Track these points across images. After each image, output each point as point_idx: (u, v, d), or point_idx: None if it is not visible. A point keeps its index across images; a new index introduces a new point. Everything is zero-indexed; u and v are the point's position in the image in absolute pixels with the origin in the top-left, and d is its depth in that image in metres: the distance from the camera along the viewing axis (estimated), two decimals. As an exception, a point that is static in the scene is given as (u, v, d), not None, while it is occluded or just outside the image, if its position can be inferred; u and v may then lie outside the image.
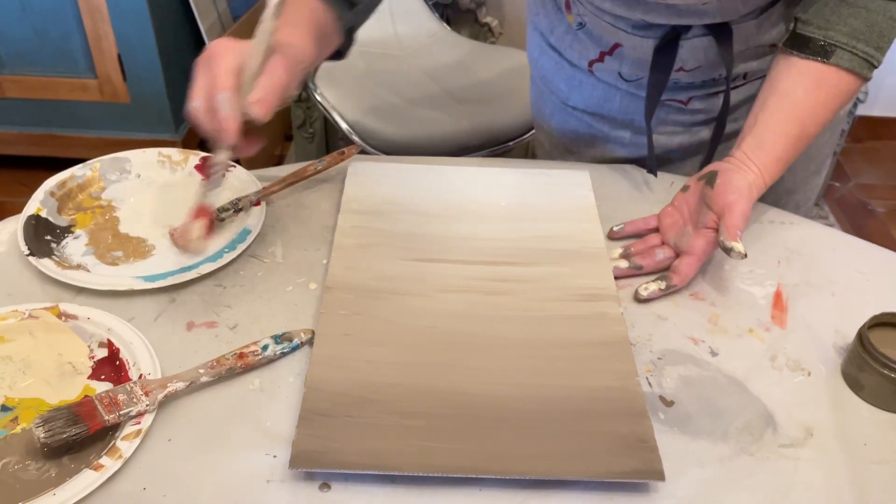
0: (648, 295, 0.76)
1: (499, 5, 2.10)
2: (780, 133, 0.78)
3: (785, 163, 0.79)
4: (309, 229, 0.84)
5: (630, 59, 0.92)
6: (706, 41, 0.86)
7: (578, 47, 0.96)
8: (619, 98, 0.98)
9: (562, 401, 0.64)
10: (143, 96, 2.04)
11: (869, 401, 0.68)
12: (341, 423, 0.61)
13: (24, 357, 0.68)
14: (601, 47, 0.93)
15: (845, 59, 0.76)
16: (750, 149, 0.78)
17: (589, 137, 1.04)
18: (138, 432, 0.60)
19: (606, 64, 0.94)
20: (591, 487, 0.60)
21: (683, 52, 0.87)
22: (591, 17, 0.90)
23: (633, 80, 0.94)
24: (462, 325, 0.71)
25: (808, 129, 0.78)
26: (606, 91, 0.98)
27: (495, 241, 0.81)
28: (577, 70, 0.99)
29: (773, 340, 0.73)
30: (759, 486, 0.61)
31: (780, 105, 0.78)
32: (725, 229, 0.74)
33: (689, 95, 0.94)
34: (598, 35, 0.92)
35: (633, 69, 0.93)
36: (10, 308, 0.70)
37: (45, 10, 1.95)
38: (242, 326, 0.72)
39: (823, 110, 0.78)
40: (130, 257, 0.79)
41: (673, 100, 0.95)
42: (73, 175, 0.87)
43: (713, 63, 0.89)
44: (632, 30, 0.87)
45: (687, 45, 0.86)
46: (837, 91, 0.78)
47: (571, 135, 1.05)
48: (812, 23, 0.77)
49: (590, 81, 0.98)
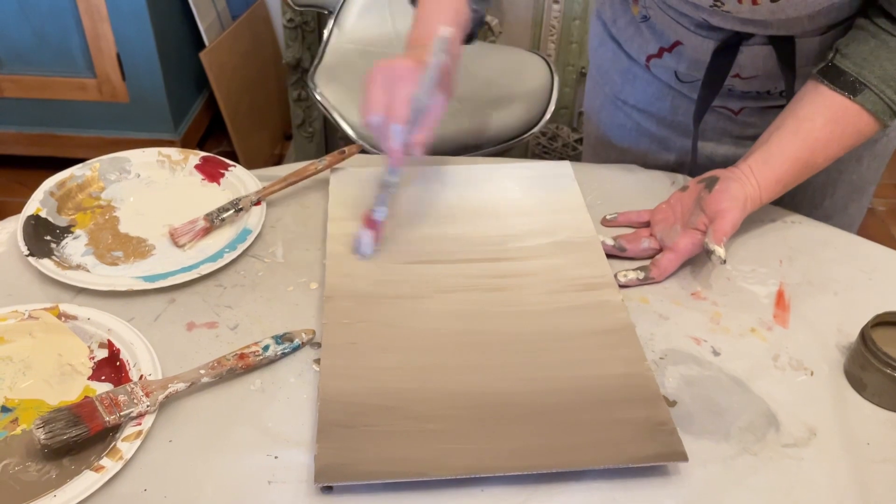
0: (626, 282, 0.77)
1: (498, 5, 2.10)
2: (789, 155, 0.78)
3: (785, 185, 0.80)
4: (309, 229, 0.84)
5: (688, 59, 0.91)
6: (766, 50, 0.85)
7: (639, 40, 0.96)
8: (671, 98, 0.97)
9: (576, 392, 0.65)
10: (142, 96, 2.04)
11: (872, 400, 0.68)
12: (361, 434, 0.61)
13: (24, 358, 0.68)
14: (661, 43, 0.92)
15: (871, 100, 0.76)
16: (756, 164, 0.79)
17: (635, 134, 1.03)
18: (139, 433, 0.60)
19: (664, 60, 0.94)
20: (593, 482, 0.60)
21: (742, 58, 0.86)
22: (657, 10, 0.89)
23: (689, 80, 0.94)
24: (467, 325, 0.71)
25: (817, 158, 0.79)
26: (660, 89, 0.98)
27: (488, 238, 0.81)
28: (634, 64, 0.98)
29: (775, 340, 0.73)
30: (762, 485, 0.60)
31: (797, 129, 0.78)
32: (713, 233, 0.75)
33: (741, 105, 0.94)
34: (661, 30, 0.91)
35: (690, 69, 0.92)
36: (10, 308, 0.70)
37: (43, 10, 1.94)
38: (243, 327, 0.72)
39: (836, 144, 0.78)
40: (130, 257, 0.79)
41: (724, 107, 0.94)
42: (73, 175, 0.87)
43: (771, 74, 0.88)
44: (694, 28, 0.87)
45: (747, 51, 0.85)
46: (855, 130, 0.78)
47: (618, 129, 1.05)
48: (850, 57, 0.77)
49: (645, 77, 0.98)
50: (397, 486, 0.59)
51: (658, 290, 0.78)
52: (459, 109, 1.70)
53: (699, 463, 0.61)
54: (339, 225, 0.82)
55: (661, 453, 0.60)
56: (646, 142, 1.03)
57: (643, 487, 0.60)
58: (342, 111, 1.65)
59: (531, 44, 2.12)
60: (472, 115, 1.68)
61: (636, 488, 0.60)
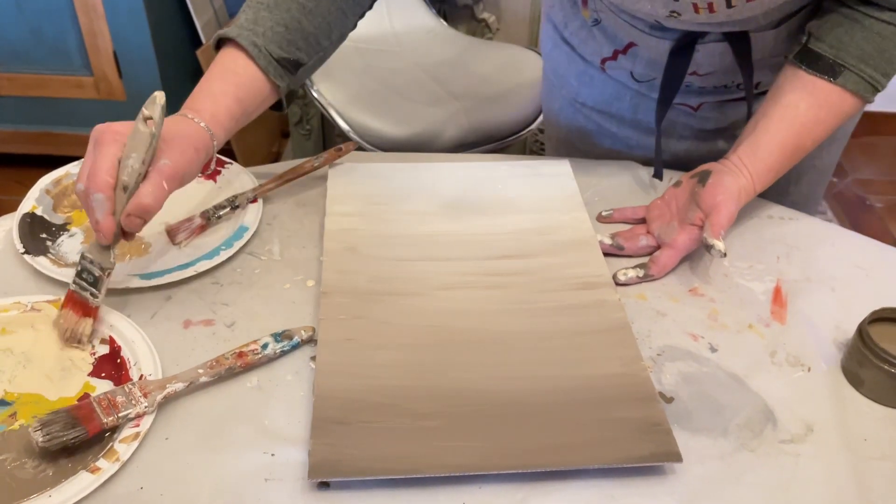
0: (626, 280, 0.77)
1: (496, 1, 2.10)
2: (777, 144, 0.78)
3: (777, 173, 0.80)
4: (306, 226, 0.84)
5: (644, 60, 0.91)
6: (722, 47, 0.85)
7: (592, 44, 0.95)
8: (629, 97, 0.97)
9: (571, 391, 0.65)
10: (139, 94, 2.03)
11: (869, 396, 0.68)
12: (356, 430, 0.61)
13: (25, 350, 0.68)
14: (615, 45, 0.92)
15: (852, 80, 0.76)
16: (746, 154, 0.79)
17: (597, 135, 1.03)
18: (136, 435, 0.60)
19: (619, 62, 0.93)
20: (590, 480, 0.59)
21: (699, 57, 0.86)
22: (608, 14, 0.89)
23: (645, 80, 0.94)
24: (463, 322, 0.71)
25: (805, 143, 0.79)
26: (617, 89, 0.97)
27: (486, 236, 0.81)
28: (590, 66, 0.98)
29: (772, 336, 0.73)
30: (759, 482, 0.60)
31: (782, 116, 0.78)
32: (710, 227, 0.75)
33: (700, 101, 0.94)
34: (614, 33, 0.91)
35: (647, 69, 0.92)
36: (13, 300, 0.70)
37: (40, 8, 1.94)
38: (240, 324, 0.72)
39: (822, 127, 0.79)
40: (127, 255, 0.79)
41: (683, 104, 0.94)
42: (69, 172, 0.87)
43: (728, 69, 0.88)
44: (648, 30, 0.86)
45: (703, 49, 0.85)
46: (839, 111, 0.79)
47: (579, 131, 1.05)
48: (825, 40, 0.77)
49: (601, 78, 0.98)
50: (394, 483, 0.59)
51: (655, 286, 0.78)
52: (456, 106, 1.70)
53: (697, 459, 0.61)
54: (336, 222, 0.82)
55: (656, 453, 0.60)
56: (608, 142, 1.03)
57: (640, 485, 0.60)
58: (339, 108, 1.65)
59: (528, 41, 2.12)
60: (470, 112, 1.68)
61: (634, 486, 0.59)
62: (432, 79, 1.82)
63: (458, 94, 1.75)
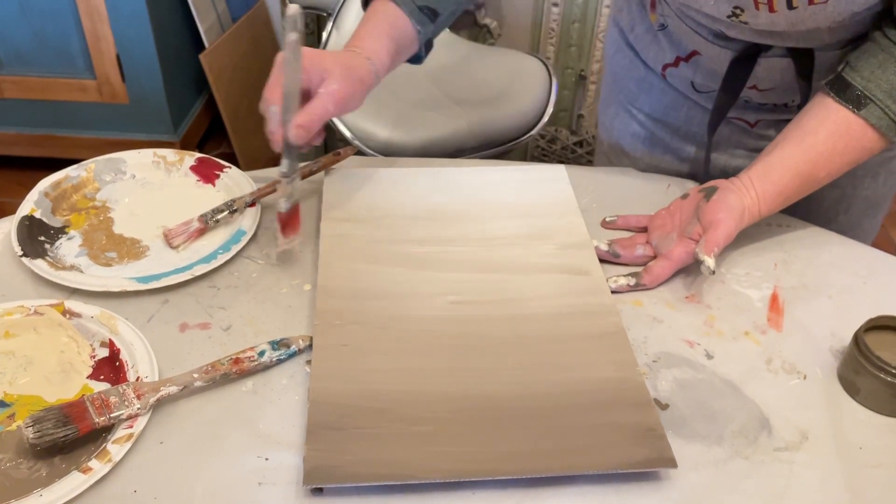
0: (617, 287, 0.77)
1: (498, 7, 2.10)
2: (790, 168, 0.77)
3: (786, 198, 0.78)
4: (303, 231, 0.83)
5: (705, 69, 0.90)
6: (785, 62, 0.83)
7: (656, 49, 0.95)
8: (686, 108, 0.97)
9: (566, 396, 0.65)
10: (142, 97, 2.04)
11: (865, 404, 0.68)
12: (351, 436, 0.61)
13: (27, 353, 0.68)
14: (679, 52, 0.92)
15: (875, 115, 0.74)
16: (757, 175, 0.78)
17: (648, 144, 1.03)
18: (130, 436, 0.60)
19: (681, 70, 0.93)
20: (585, 486, 0.59)
21: (760, 70, 0.85)
22: (674, 19, 0.89)
23: (705, 91, 0.93)
24: (458, 327, 0.71)
25: (819, 172, 0.77)
26: (675, 98, 0.97)
27: (481, 241, 0.81)
28: (650, 72, 0.98)
29: (768, 343, 0.73)
30: (754, 489, 0.60)
31: (800, 141, 0.77)
32: (705, 242, 0.75)
33: (757, 117, 0.93)
34: (678, 39, 0.90)
35: (707, 79, 0.91)
36: (17, 303, 0.70)
37: (44, 12, 1.94)
38: (236, 328, 0.72)
39: (839, 159, 0.77)
40: (124, 258, 0.79)
41: (740, 119, 0.94)
42: (68, 176, 0.87)
43: (788, 87, 0.86)
44: (712, 38, 0.85)
45: (765, 63, 0.84)
46: (858, 144, 0.76)
47: (631, 138, 1.04)
48: (858, 70, 0.75)
49: (660, 86, 0.98)
50: (387, 489, 0.59)
51: (652, 293, 0.78)
52: (458, 111, 1.70)
53: (691, 466, 0.61)
54: (333, 226, 0.82)
55: (651, 459, 0.59)
56: (659, 151, 1.02)
57: (635, 491, 0.59)
58: (340, 113, 1.64)
59: (530, 47, 2.12)
60: (471, 118, 1.68)
61: (628, 492, 0.59)
62: (433, 84, 1.82)
63: (459, 100, 1.75)
